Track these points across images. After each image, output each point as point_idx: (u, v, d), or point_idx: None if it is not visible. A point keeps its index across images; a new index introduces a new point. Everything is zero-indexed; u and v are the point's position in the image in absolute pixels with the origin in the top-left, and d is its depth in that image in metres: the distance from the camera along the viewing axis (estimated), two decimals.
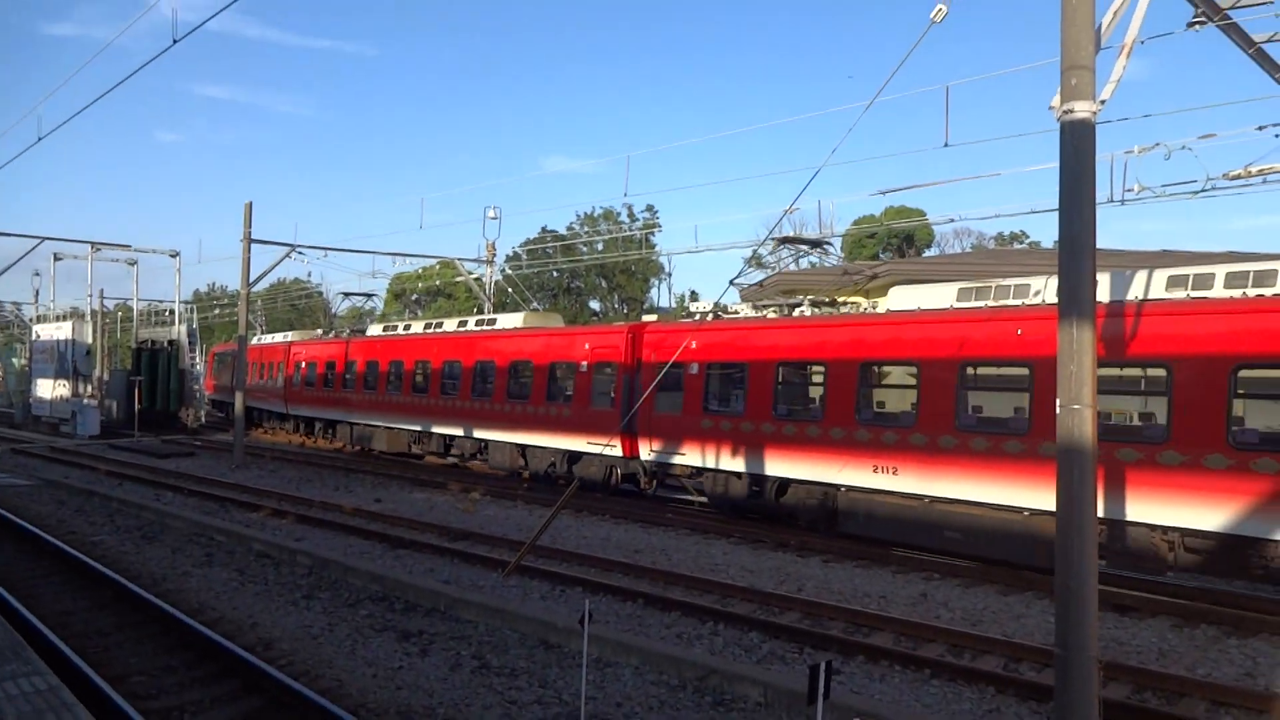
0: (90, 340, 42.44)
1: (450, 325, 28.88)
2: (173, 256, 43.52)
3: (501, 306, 40.99)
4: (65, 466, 27.42)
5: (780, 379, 17.36)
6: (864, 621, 11.17)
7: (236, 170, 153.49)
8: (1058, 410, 6.68)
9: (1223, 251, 32.35)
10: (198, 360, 42.94)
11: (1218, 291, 12.56)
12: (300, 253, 32.21)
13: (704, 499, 19.76)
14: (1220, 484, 11.63)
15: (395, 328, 32.06)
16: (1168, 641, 10.62)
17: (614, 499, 20.66)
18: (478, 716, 8.19)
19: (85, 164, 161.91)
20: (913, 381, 15.15)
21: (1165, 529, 12.33)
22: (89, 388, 41.48)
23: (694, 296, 57.76)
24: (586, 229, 65.68)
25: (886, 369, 16.12)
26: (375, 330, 33.12)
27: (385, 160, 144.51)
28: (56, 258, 44.27)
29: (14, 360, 62.98)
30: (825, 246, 20.40)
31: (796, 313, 18.20)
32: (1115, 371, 13.22)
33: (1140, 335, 12.64)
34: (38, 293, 55.95)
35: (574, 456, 22.01)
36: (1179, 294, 12.93)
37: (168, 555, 15.10)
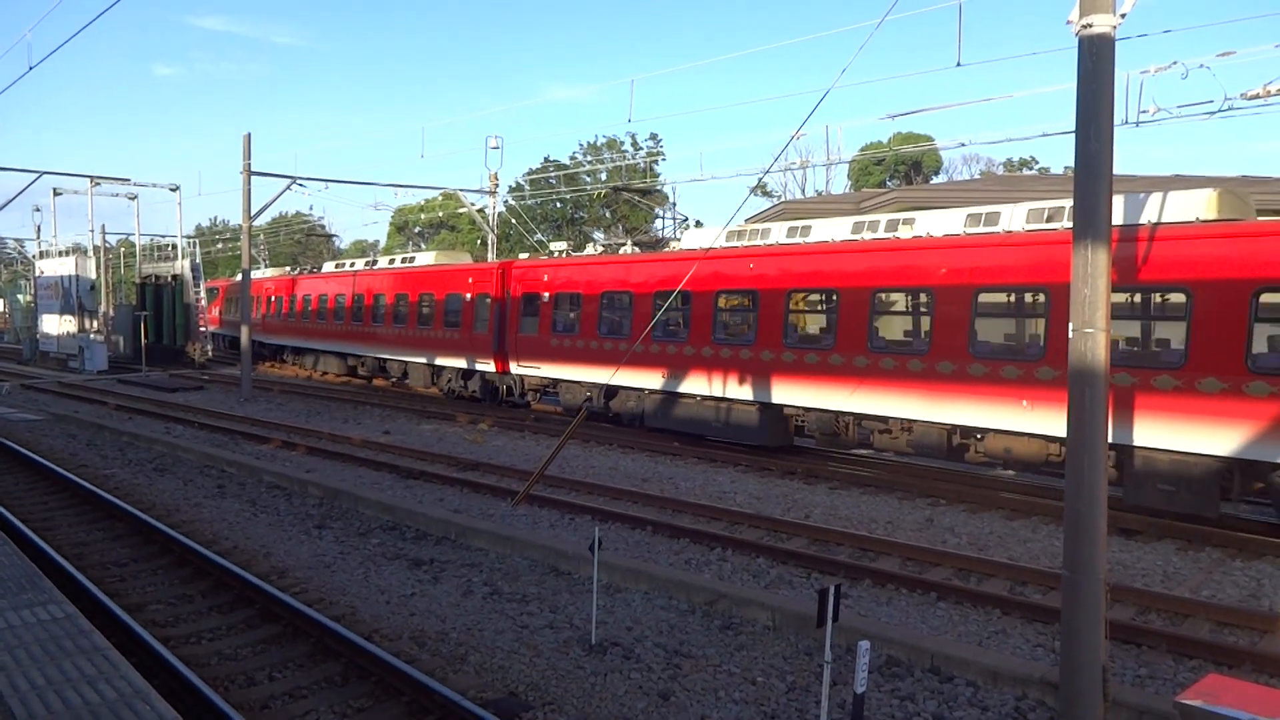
0: (94, 275, 42.31)
1: (384, 263, 32.72)
2: (173, 190, 43.07)
3: (505, 238, 40.80)
4: (75, 401, 27.58)
5: (602, 305, 21.01)
6: (871, 546, 11.26)
7: (236, 103, 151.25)
8: (1070, 333, 6.59)
9: (1236, 176, 31.93)
10: (202, 295, 42.84)
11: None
12: (301, 185, 31.86)
13: (560, 407, 23.37)
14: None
15: (344, 265, 35.54)
16: (1172, 564, 10.70)
17: (622, 429, 20.82)
18: (490, 641, 8.31)
19: (84, 98, 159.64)
20: (686, 306, 18.99)
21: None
22: (95, 323, 41.49)
23: (698, 224, 57.27)
24: (590, 158, 64.85)
25: (673, 297, 19.14)
26: (329, 267, 36.51)
27: (385, 91, 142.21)
28: (56, 192, 43.87)
29: (19, 297, 62.92)
30: (657, 194, 23.10)
31: (622, 251, 22.09)
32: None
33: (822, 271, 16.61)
34: (39, 228, 55.55)
35: (468, 373, 25.90)
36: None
37: (180, 487, 15.24)
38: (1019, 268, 13.75)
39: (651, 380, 19.38)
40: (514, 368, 23.72)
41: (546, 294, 22.52)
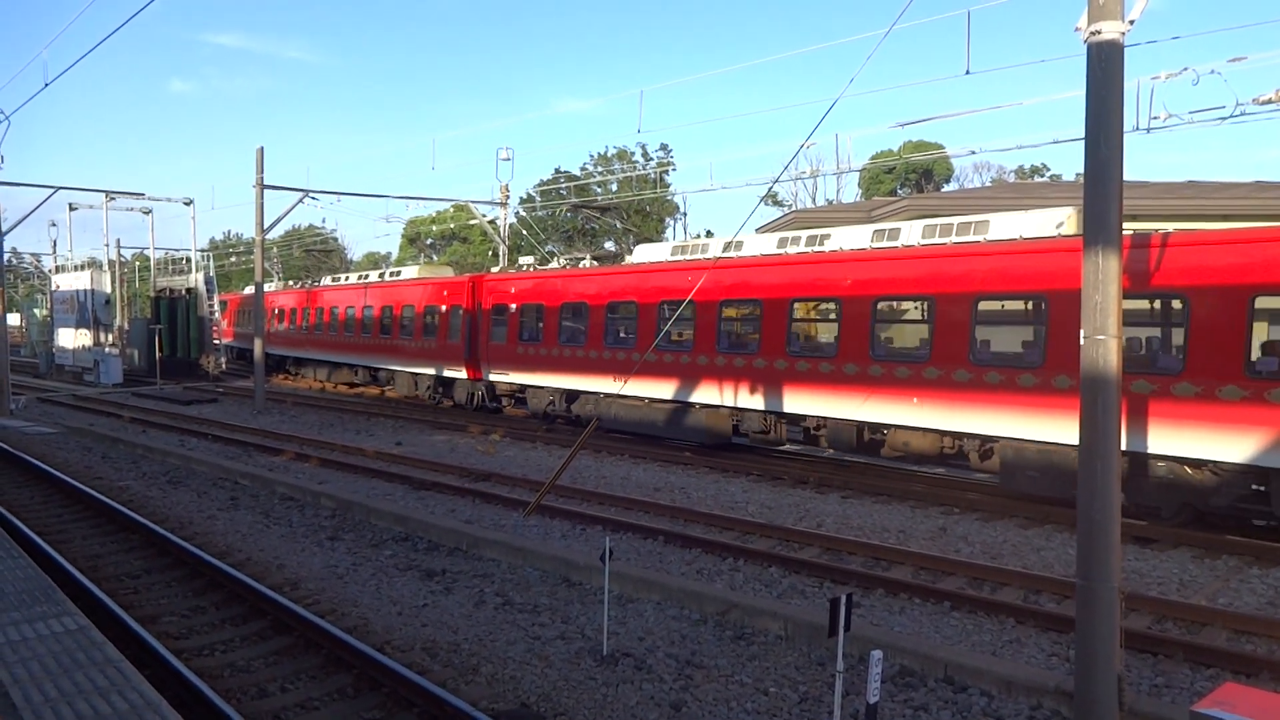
0: (109, 289, 42.63)
1: (374, 276, 34.60)
2: (187, 204, 43.30)
3: (517, 249, 41.04)
4: (90, 414, 27.77)
5: (562, 316, 22.43)
6: (883, 556, 11.21)
7: (249, 118, 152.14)
8: (1081, 340, 6.55)
9: (1250, 181, 31.79)
10: (215, 307, 43.10)
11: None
12: (313, 198, 32.03)
13: (527, 411, 24.72)
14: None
15: (339, 279, 38.10)
16: (1189, 572, 10.61)
17: (639, 442, 20.82)
18: (502, 651, 8.31)
19: (99, 114, 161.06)
20: (635, 315, 20.39)
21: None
22: (110, 337, 41.78)
23: (709, 235, 57.23)
24: (600, 169, 64.97)
25: (624, 306, 20.87)
26: (326, 281, 38.60)
27: (396, 105, 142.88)
28: (72, 207, 44.23)
29: (36, 311, 63.46)
30: (611, 211, 25.27)
31: (582, 265, 23.61)
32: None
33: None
34: (55, 243, 55.98)
35: (446, 381, 27.51)
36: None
37: (194, 499, 15.31)
38: (909, 279, 15.25)
39: (605, 385, 20.65)
40: (485, 375, 25.34)
41: (513, 305, 24.19)
